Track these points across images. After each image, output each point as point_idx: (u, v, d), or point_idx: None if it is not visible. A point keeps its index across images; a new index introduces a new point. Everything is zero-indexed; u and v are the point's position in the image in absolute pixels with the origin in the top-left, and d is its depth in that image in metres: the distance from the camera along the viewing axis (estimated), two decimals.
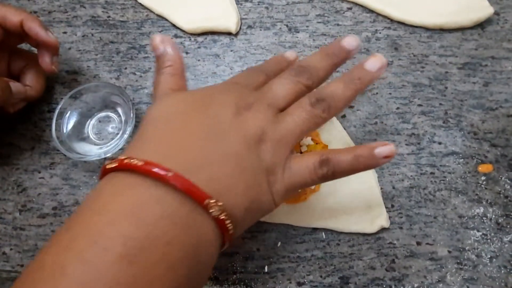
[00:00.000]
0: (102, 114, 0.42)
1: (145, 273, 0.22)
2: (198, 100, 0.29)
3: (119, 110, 0.42)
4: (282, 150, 0.29)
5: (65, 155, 0.40)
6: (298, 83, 0.31)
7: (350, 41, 0.32)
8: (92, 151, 0.40)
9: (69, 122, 0.41)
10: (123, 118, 0.41)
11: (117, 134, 0.41)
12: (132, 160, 0.24)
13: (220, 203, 0.25)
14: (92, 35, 0.47)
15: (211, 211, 0.25)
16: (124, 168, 0.25)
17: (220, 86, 0.32)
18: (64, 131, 0.40)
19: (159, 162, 0.24)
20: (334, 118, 0.41)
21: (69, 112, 0.41)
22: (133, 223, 0.22)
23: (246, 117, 0.29)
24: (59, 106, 0.40)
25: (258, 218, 0.30)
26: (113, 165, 0.25)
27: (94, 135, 0.42)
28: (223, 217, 0.25)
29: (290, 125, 0.29)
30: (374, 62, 0.31)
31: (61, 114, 0.40)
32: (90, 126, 0.42)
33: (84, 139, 0.41)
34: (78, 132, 0.41)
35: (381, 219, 0.37)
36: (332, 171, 0.29)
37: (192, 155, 0.26)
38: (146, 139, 0.28)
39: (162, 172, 0.24)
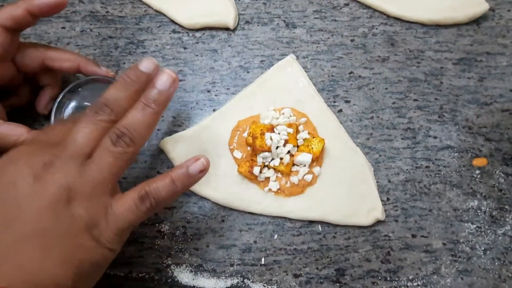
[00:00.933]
0: None
1: None
2: None
3: None
4: (98, 201, 0.28)
5: None
6: (99, 123, 0.29)
7: (147, 65, 0.31)
8: None
9: (68, 116, 0.41)
10: None
11: None
12: None
13: None
14: (91, 30, 0.47)
15: None
16: None
17: (13, 154, 0.29)
18: None
19: None
20: (330, 113, 0.42)
21: (67, 106, 0.41)
22: None
23: (46, 180, 0.27)
24: (58, 100, 0.40)
25: (102, 271, 0.29)
26: None
27: None
28: None
29: (98, 174, 0.28)
30: (164, 81, 0.30)
31: (60, 108, 0.40)
32: None
33: None
34: None
35: (376, 212, 0.38)
36: (155, 202, 0.29)
37: None
38: None
39: None
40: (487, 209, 0.38)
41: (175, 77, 0.31)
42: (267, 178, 0.39)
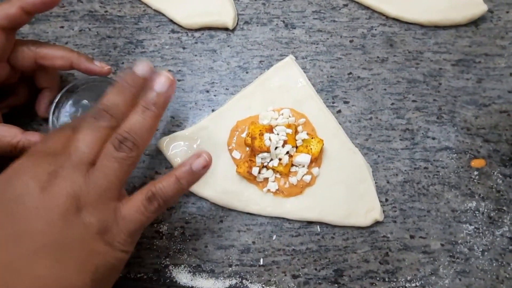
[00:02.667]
0: None
1: None
2: None
3: None
4: (107, 207, 0.28)
5: None
6: (100, 129, 0.29)
7: (142, 68, 0.31)
8: None
9: (66, 116, 0.41)
10: None
11: None
12: None
13: None
14: (89, 29, 0.47)
15: None
16: None
17: (17, 166, 0.29)
18: (61, 124, 0.40)
19: None
20: (329, 113, 0.42)
21: (66, 106, 0.41)
22: None
23: (53, 191, 0.27)
24: (56, 100, 0.40)
25: (118, 273, 0.30)
26: None
27: None
28: None
29: (104, 180, 0.28)
30: (162, 83, 0.31)
31: (58, 108, 0.40)
32: None
33: None
34: None
35: (375, 213, 0.38)
36: (163, 201, 0.29)
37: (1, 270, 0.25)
38: None
39: None
40: (485, 210, 0.38)
41: (173, 79, 0.31)
42: (266, 179, 0.39)
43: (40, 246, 0.26)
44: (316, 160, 0.39)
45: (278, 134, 0.38)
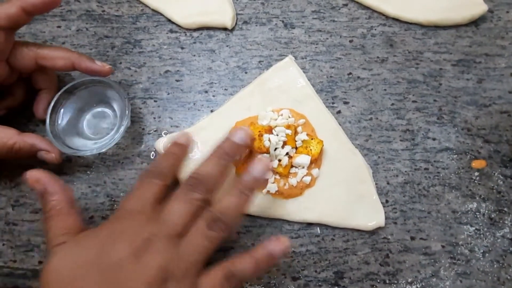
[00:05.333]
0: (97, 109, 0.42)
1: None
2: (91, 256, 0.28)
3: (114, 105, 0.42)
4: (188, 281, 0.29)
5: (61, 151, 0.40)
6: (193, 202, 0.30)
7: (241, 136, 0.33)
8: (87, 146, 0.40)
9: (64, 117, 0.40)
10: (118, 113, 0.41)
11: (112, 129, 0.40)
12: None
13: None
14: (87, 29, 0.46)
15: None
16: None
17: (111, 226, 0.31)
18: (59, 126, 0.40)
19: None
20: (329, 114, 0.41)
21: (63, 107, 0.40)
22: None
23: (146, 259, 0.28)
24: (54, 101, 0.39)
25: None
26: None
27: (89, 130, 0.41)
28: None
29: (193, 256, 0.29)
30: (260, 169, 0.31)
31: (56, 109, 0.40)
32: (85, 121, 0.42)
33: (79, 134, 0.41)
34: (73, 127, 0.41)
35: (378, 219, 0.37)
36: (239, 282, 0.30)
37: None
38: None
39: None
40: (486, 211, 0.38)
41: (269, 164, 0.32)
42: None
43: None
44: (316, 161, 0.39)
45: (277, 135, 0.38)
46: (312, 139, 0.38)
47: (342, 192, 0.38)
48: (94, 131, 0.41)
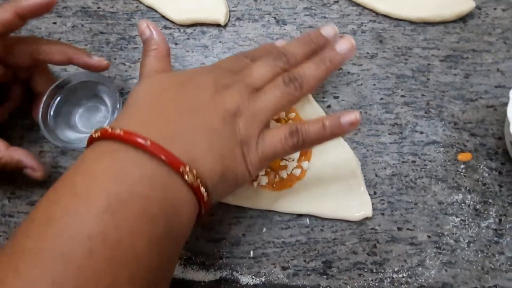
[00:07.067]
0: (90, 103, 0.43)
1: (126, 224, 0.24)
2: (179, 80, 0.32)
3: (106, 99, 0.42)
4: (256, 124, 0.31)
5: (54, 144, 0.41)
6: (275, 67, 0.33)
7: (328, 30, 0.36)
8: (80, 139, 0.40)
9: (57, 111, 0.41)
10: (110, 108, 0.42)
11: (105, 123, 0.41)
12: (114, 130, 0.27)
13: (194, 171, 0.27)
14: (82, 25, 0.47)
15: (185, 177, 0.27)
16: (107, 137, 0.27)
17: (202, 69, 0.35)
18: (52, 120, 0.40)
19: (139, 132, 0.26)
20: (319, 108, 0.42)
21: (56, 101, 0.41)
22: (114, 181, 0.25)
23: (224, 95, 0.31)
24: (46, 95, 0.40)
25: (234, 187, 0.32)
26: (97, 134, 0.28)
27: (82, 124, 0.42)
28: (197, 183, 0.27)
29: (264, 102, 0.32)
30: (344, 44, 0.34)
31: (49, 103, 0.40)
32: (78, 115, 0.42)
33: (72, 127, 0.42)
34: (66, 121, 0.42)
35: (366, 210, 0.38)
36: (302, 140, 0.32)
37: (169, 127, 0.29)
38: (129, 113, 0.30)
39: (140, 140, 0.26)
40: (471, 202, 0.39)
41: (354, 44, 0.34)
42: None
43: (202, 126, 0.29)
44: (305, 154, 0.40)
45: None
46: None
47: (331, 184, 0.39)
48: (87, 125, 0.42)
